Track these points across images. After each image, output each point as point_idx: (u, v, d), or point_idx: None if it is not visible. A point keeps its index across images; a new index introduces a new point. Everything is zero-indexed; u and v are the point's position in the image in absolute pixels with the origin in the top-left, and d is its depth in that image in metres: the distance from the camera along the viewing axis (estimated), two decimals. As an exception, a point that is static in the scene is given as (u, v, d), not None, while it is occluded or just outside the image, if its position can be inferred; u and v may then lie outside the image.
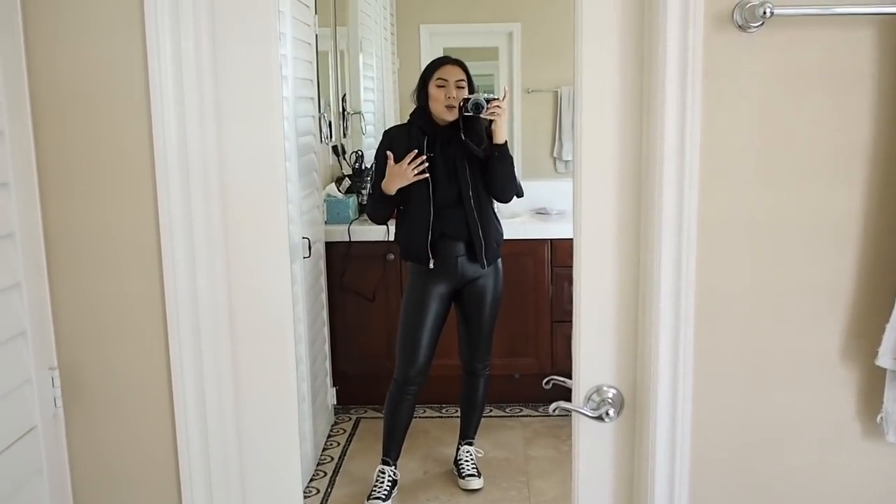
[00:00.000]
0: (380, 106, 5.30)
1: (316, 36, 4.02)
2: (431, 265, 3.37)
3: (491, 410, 4.38)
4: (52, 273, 1.59)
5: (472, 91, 3.34)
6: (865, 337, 1.52)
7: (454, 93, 3.30)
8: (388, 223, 3.86)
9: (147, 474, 1.68)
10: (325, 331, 4.19)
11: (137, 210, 1.57)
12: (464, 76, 3.33)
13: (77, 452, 1.67)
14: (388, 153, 3.31)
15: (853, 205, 1.48)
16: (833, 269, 1.51)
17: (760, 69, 1.45)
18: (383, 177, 3.38)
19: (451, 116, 3.30)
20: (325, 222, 4.29)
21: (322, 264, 4.15)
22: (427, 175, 3.29)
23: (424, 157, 3.29)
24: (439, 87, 3.31)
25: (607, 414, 1.59)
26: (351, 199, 4.44)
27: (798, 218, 1.49)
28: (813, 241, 1.50)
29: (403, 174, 3.29)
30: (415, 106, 3.44)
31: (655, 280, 1.51)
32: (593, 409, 1.60)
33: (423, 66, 3.45)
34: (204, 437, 1.65)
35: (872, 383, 1.53)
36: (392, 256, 4.20)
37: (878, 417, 1.52)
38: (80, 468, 1.67)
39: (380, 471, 3.58)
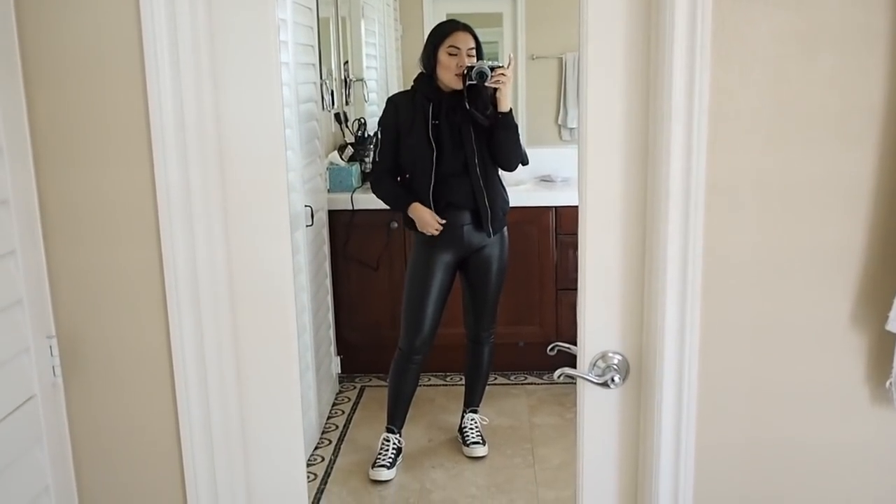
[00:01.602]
0: (382, 73, 5.25)
1: (317, 2, 3.97)
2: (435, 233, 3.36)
3: (495, 378, 4.38)
4: (48, 240, 1.57)
5: (480, 58, 3.29)
6: (875, 302, 1.49)
7: (466, 61, 3.25)
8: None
9: (148, 443, 1.67)
10: (329, 300, 4.18)
11: (134, 176, 1.55)
12: (474, 44, 3.28)
13: (77, 421, 1.65)
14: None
15: (866, 168, 1.45)
16: (844, 233, 1.48)
17: (772, 28, 1.41)
18: (388, 145, 3.37)
19: (459, 85, 3.25)
20: (328, 190, 4.27)
21: (325, 233, 4.13)
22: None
23: (443, 223, 3.35)
24: (451, 55, 3.26)
25: (612, 380, 1.57)
26: (354, 167, 4.41)
27: (809, 181, 1.46)
28: (824, 205, 1.47)
29: (424, 223, 3.33)
30: (420, 71, 3.39)
31: (662, 245, 1.48)
32: (598, 376, 1.58)
33: (427, 33, 3.40)
34: (205, 406, 1.63)
35: (882, 349, 1.51)
36: (396, 225, 4.17)
37: (888, 383, 1.50)
38: (80, 437, 1.66)
39: (384, 439, 3.59)
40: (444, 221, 3.35)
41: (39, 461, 1.57)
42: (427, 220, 3.35)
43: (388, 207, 3.56)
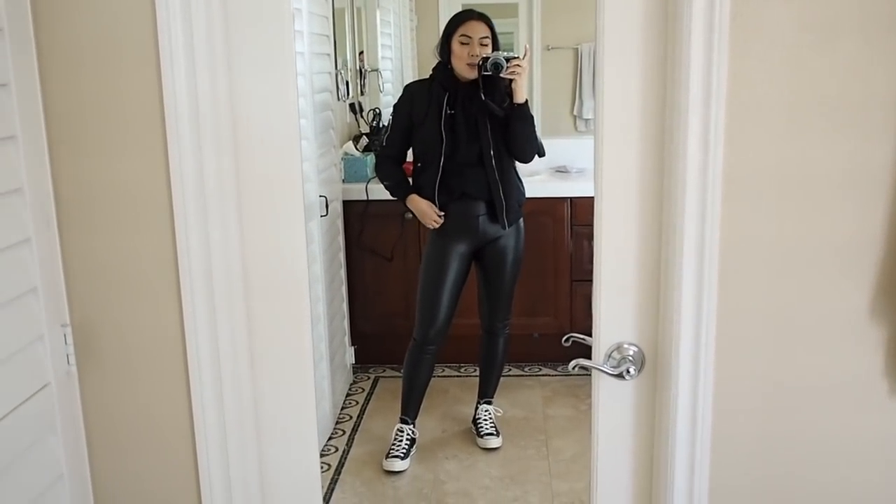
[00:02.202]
0: (397, 63, 5.24)
1: (332, -9, 3.96)
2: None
3: (510, 370, 4.37)
4: (62, 229, 1.57)
5: (496, 46, 3.28)
6: (894, 295, 1.47)
7: (478, 50, 3.23)
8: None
9: (162, 431, 1.67)
10: (343, 290, 4.18)
11: (148, 165, 1.54)
12: (488, 33, 3.27)
13: (91, 409, 1.66)
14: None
15: (886, 158, 1.43)
16: (862, 225, 1.46)
17: (790, 17, 1.39)
18: (398, 132, 3.39)
19: (473, 74, 3.24)
20: (343, 181, 4.26)
21: (339, 223, 4.12)
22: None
23: (442, 214, 3.36)
24: (463, 44, 3.25)
25: (628, 371, 1.56)
26: (368, 158, 4.40)
27: (828, 171, 1.44)
28: (843, 195, 1.45)
29: (423, 214, 3.36)
30: (436, 61, 3.38)
31: (678, 236, 1.47)
32: (613, 367, 1.57)
33: (442, 23, 3.39)
34: (219, 395, 1.63)
35: (901, 342, 1.49)
36: (410, 215, 4.15)
37: (906, 376, 1.49)
38: (94, 425, 1.67)
39: (398, 429, 3.58)
40: (442, 213, 3.35)
41: (53, 449, 1.57)
42: (425, 210, 3.36)
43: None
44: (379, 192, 4.12)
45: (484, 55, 3.20)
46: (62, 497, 1.59)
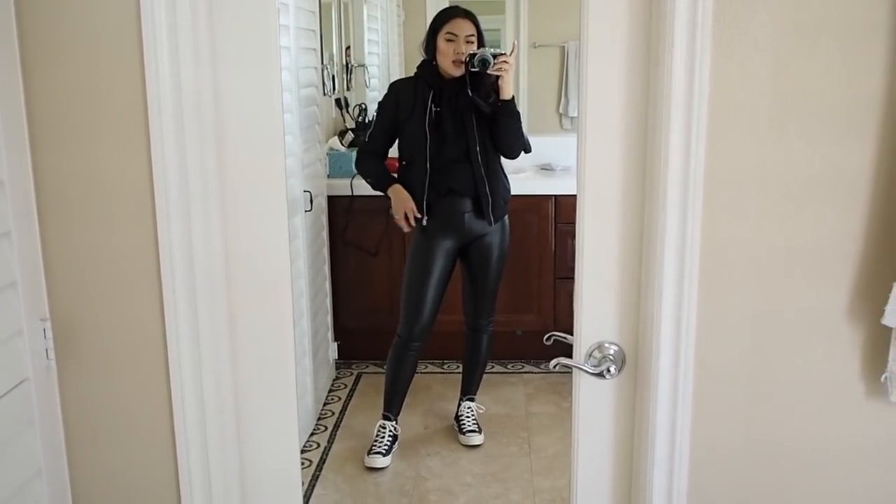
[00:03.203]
0: (384, 59, 5.23)
1: (319, -15, 3.95)
2: (424, 223, 3.35)
3: (493, 367, 4.37)
4: (43, 223, 1.56)
5: (481, 44, 3.28)
6: (872, 296, 1.48)
7: (463, 48, 3.23)
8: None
9: (141, 427, 1.66)
10: (327, 285, 4.17)
11: (130, 159, 1.54)
12: (474, 31, 3.27)
13: (70, 404, 1.65)
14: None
15: (865, 161, 1.44)
16: (842, 226, 1.47)
17: (772, 18, 1.40)
18: (380, 130, 3.40)
19: (459, 72, 3.24)
20: (328, 176, 4.25)
21: (324, 218, 4.12)
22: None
23: (422, 217, 3.34)
24: (448, 41, 3.25)
25: (608, 371, 1.56)
26: (354, 153, 4.36)
27: (808, 173, 1.45)
28: (822, 197, 1.46)
29: (399, 206, 3.34)
30: (422, 58, 3.38)
31: (660, 235, 1.47)
32: (594, 366, 1.57)
33: (429, 19, 3.39)
34: (199, 391, 1.63)
35: (877, 343, 1.50)
36: (394, 210, 4.16)
37: (882, 377, 1.50)
38: (73, 420, 1.66)
39: (381, 426, 3.58)
40: (419, 216, 3.34)
41: (32, 444, 1.56)
42: (403, 202, 3.35)
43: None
44: (364, 187, 4.10)
45: (471, 52, 3.20)
46: (40, 492, 1.58)
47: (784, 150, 1.44)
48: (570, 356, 1.61)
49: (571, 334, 1.63)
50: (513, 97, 3.26)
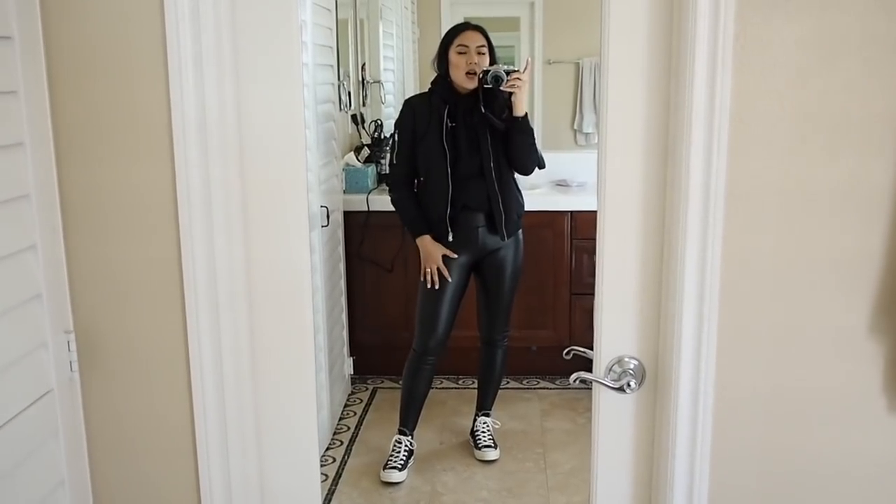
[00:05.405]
0: (399, 75, 5.26)
1: (336, 2, 3.98)
2: (450, 238, 3.35)
3: (508, 382, 4.37)
4: (67, 235, 1.58)
5: (493, 57, 3.30)
6: (894, 311, 1.48)
7: (475, 59, 3.25)
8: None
9: (163, 439, 1.67)
10: (343, 300, 4.18)
11: (154, 172, 1.55)
12: (484, 42, 3.29)
13: (93, 416, 1.66)
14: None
15: (886, 176, 1.44)
16: (863, 241, 1.47)
17: (794, 35, 1.41)
18: (405, 148, 3.38)
19: (472, 84, 3.26)
20: (344, 191, 4.27)
21: (340, 233, 4.13)
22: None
23: (448, 277, 3.38)
24: (460, 53, 3.27)
25: (628, 385, 1.56)
26: (370, 169, 4.41)
27: (829, 188, 1.45)
28: (843, 212, 1.46)
29: (428, 258, 3.36)
30: (436, 74, 3.39)
31: (680, 250, 1.48)
32: (614, 381, 1.57)
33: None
34: (220, 404, 1.63)
35: (901, 358, 1.50)
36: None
37: (906, 393, 1.49)
38: (96, 432, 1.67)
39: (396, 441, 3.58)
40: (448, 279, 3.38)
41: (55, 455, 1.57)
42: (432, 254, 3.38)
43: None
44: (380, 203, 4.14)
45: (484, 68, 3.22)
46: (63, 502, 1.59)
47: (805, 166, 1.45)
48: (588, 371, 1.61)
49: (589, 349, 1.63)
50: (526, 114, 3.28)
